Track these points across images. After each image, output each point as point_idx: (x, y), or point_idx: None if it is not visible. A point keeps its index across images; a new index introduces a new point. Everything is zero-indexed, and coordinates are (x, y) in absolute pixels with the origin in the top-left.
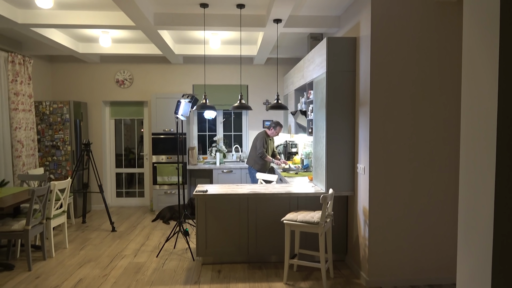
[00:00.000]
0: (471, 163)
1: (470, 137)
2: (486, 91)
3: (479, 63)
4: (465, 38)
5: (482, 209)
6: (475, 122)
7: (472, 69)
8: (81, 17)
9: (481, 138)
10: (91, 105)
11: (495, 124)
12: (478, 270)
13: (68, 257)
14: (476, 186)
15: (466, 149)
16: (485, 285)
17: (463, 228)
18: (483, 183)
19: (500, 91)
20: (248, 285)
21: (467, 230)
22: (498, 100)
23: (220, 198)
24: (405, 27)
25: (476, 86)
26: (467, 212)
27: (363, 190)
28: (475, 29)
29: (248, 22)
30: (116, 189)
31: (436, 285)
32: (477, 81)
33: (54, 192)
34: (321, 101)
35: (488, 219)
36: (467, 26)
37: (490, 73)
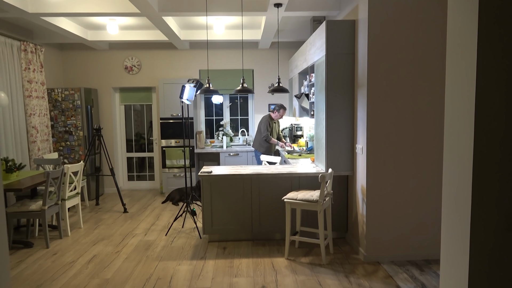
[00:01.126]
0: (452, 146)
1: (452, 124)
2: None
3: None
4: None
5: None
6: (456, 109)
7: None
8: (88, 5)
9: (461, 125)
10: (101, 91)
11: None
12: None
13: (83, 235)
14: (457, 168)
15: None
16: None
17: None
18: (463, 167)
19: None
20: (251, 260)
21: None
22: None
23: (224, 179)
24: (402, 9)
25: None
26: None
27: (361, 169)
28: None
29: (250, 6)
30: (127, 173)
31: (432, 260)
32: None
33: (68, 174)
34: (321, 84)
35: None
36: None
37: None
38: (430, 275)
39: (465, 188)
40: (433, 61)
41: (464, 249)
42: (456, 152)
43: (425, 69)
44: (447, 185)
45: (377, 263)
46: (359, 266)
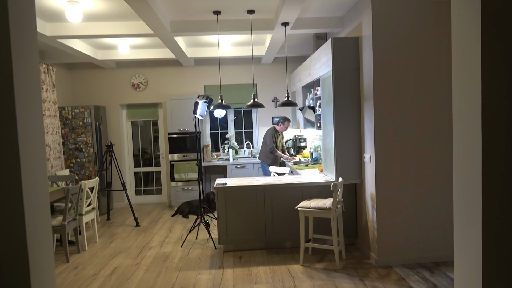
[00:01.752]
0: (461, 151)
1: (461, 128)
2: (471, 83)
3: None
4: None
5: (473, 194)
6: (463, 113)
7: (460, 66)
8: (103, 27)
9: (469, 129)
10: (109, 108)
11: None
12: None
13: (100, 249)
14: (467, 172)
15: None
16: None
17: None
18: (473, 171)
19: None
20: (268, 268)
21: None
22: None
23: (238, 190)
24: (404, 26)
25: (463, 81)
26: (460, 196)
27: (370, 177)
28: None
29: (258, 26)
30: (135, 188)
31: (441, 262)
32: (464, 76)
33: (85, 190)
34: (328, 97)
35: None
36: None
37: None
38: (440, 276)
39: (475, 191)
40: (436, 73)
41: (477, 249)
42: (465, 158)
43: (428, 81)
44: (458, 188)
45: (389, 266)
46: (372, 270)
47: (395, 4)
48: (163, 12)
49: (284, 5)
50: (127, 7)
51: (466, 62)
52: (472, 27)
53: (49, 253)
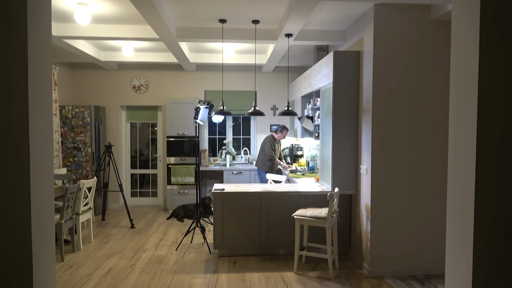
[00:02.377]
0: (456, 167)
1: (456, 145)
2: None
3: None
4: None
5: (465, 207)
6: (459, 130)
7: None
8: (110, 30)
9: (463, 145)
10: (109, 109)
11: (475, 132)
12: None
13: (95, 250)
14: (460, 186)
15: (453, 155)
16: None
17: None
18: (466, 184)
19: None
20: (262, 274)
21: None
22: (478, 112)
23: (235, 196)
24: (404, 43)
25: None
26: (454, 210)
27: (365, 189)
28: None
29: (262, 35)
30: (130, 189)
31: (432, 275)
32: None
33: (82, 190)
34: (328, 108)
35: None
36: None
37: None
38: None
39: (468, 205)
40: (433, 89)
41: (467, 262)
42: (459, 173)
43: (426, 97)
44: (451, 202)
45: (381, 277)
46: (364, 280)
47: (396, 22)
48: (169, 18)
49: (289, 18)
50: (134, 11)
51: (463, 80)
52: (470, 45)
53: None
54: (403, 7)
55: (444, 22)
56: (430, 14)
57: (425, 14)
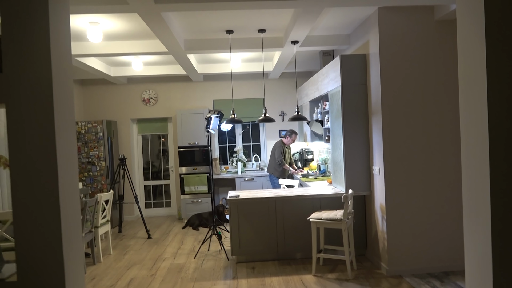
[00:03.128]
0: (470, 162)
1: (468, 140)
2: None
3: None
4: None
5: (481, 203)
6: (470, 126)
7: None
8: (120, 46)
9: (476, 140)
10: (120, 123)
11: (487, 126)
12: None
13: (115, 261)
14: (475, 183)
15: (466, 150)
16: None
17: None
18: (481, 181)
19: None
20: (281, 278)
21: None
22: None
23: (250, 202)
24: (410, 44)
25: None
26: (470, 206)
27: (379, 189)
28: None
29: (268, 43)
30: (144, 201)
31: (450, 271)
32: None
33: (100, 203)
34: (337, 112)
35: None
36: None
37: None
38: (450, 286)
39: (484, 200)
40: (441, 87)
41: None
42: (473, 169)
43: (434, 95)
44: (467, 198)
45: (400, 276)
46: (383, 280)
47: (400, 24)
48: (178, 31)
49: (295, 25)
50: (142, 26)
51: (472, 76)
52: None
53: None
54: (406, 9)
55: (448, 21)
56: (434, 14)
57: (429, 15)
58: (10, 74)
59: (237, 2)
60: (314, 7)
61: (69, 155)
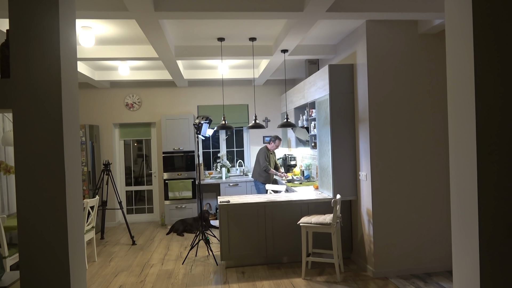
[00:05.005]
0: (458, 166)
1: (456, 145)
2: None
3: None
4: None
5: (469, 205)
6: (459, 131)
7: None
8: (110, 51)
9: (464, 145)
10: (102, 127)
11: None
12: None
13: (101, 268)
14: (463, 186)
15: (454, 155)
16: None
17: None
18: (469, 183)
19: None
20: (272, 282)
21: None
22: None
23: (240, 207)
24: (396, 55)
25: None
26: (458, 209)
27: (366, 194)
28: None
29: (258, 52)
30: (126, 206)
31: (432, 272)
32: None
33: (86, 209)
34: (325, 119)
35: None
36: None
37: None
38: (434, 285)
39: (471, 202)
40: (426, 96)
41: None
42: (461, 172)
43: (420, 103)
44: (455, 200)
45: (385, 278)
46: (370, 282)
47: (387, 36)
48: (170, 37)
49: (287, 35)
50: (134, 31)
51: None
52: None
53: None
54: (392, 23)
55: (431, 35)
56: (418, 28)
57: (413, 29)
58: (17, 79)
59: (234, 12)
60: (308, 19)
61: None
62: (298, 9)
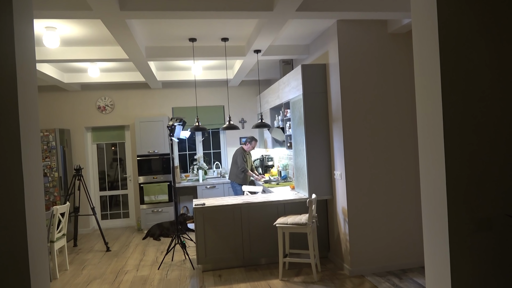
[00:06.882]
0: (427, 163)
1: (424, 142)
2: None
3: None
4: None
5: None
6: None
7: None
8: (77, 52)
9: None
10: (74, 131)
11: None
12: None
13: (73, 277)
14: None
15: (423, 152)
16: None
17: (426, 218)
18: (437, 180)
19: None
20: (249, 284)
21: (429, 219)
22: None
23: (216, 210)
24: (366, 55)
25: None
26: (428, 205)
27: (341, 193)
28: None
29: (231, 52)
30: (100, 212)
31: (407, 269)
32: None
33: (56, 216)
34: (299, 119)
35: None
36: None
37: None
38: (408, 282)
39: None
40: (396, 94)
41: (445, 252)
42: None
43: (390, 102)
44: (425, 197)
45: (362, 276)
46: (347, 280)
47: (357, 36)
48: (140, 38)
49: (259, 35)
50: (102, 32)
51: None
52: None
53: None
54: (362, 22)
55: (400, 34)
56: (387, 27)
57: (383, 28)
58: None
59: (203, 12)
60: (278, 19)
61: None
62: (268, 9)
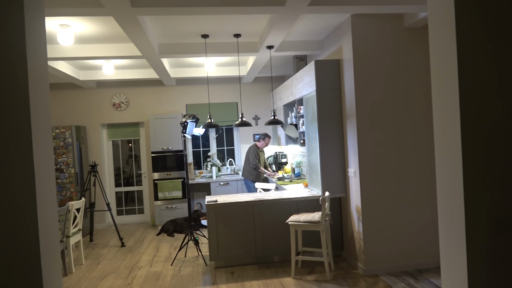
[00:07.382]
0: (444, 161)
1: (441, 140)
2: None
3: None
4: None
5: (455, 201)
6: (444, 127)
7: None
8: (92, 49)
9: (449, 140)
10: (90, 128)
11: (459, 128)
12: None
13: (88, 271)
14: (449, 181)
15: (440, 150)
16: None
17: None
18: (454, 179)
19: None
20: (261, 282)
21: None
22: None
23: (228, 207)
24: (381, 50)
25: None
26: (445, 205)
27: (355, 191)
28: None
29: (243, 48)
30: (116, 208)
31: (423, 269)
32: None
33: (72, 212)
34: (313, 115)
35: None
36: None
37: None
38: (424, 282)
39: (458, 198)
40: (411, 89)
41: (461, 253)
42: (447, 168)
43: (406, 97)
44: (441, 196)
45: (376, 275)
46: (361, 279)
47: (372, 30)
48: (152, 35)
49: (271, 31)
50: (115, 30)
51: (444, 79)
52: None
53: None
54: (378, 17)
55: (416, 29)
56: (403, 22)
57: (398, 22)
58: None
59: (215, 8)
60: (290, 14)
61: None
62: (280, 3)
